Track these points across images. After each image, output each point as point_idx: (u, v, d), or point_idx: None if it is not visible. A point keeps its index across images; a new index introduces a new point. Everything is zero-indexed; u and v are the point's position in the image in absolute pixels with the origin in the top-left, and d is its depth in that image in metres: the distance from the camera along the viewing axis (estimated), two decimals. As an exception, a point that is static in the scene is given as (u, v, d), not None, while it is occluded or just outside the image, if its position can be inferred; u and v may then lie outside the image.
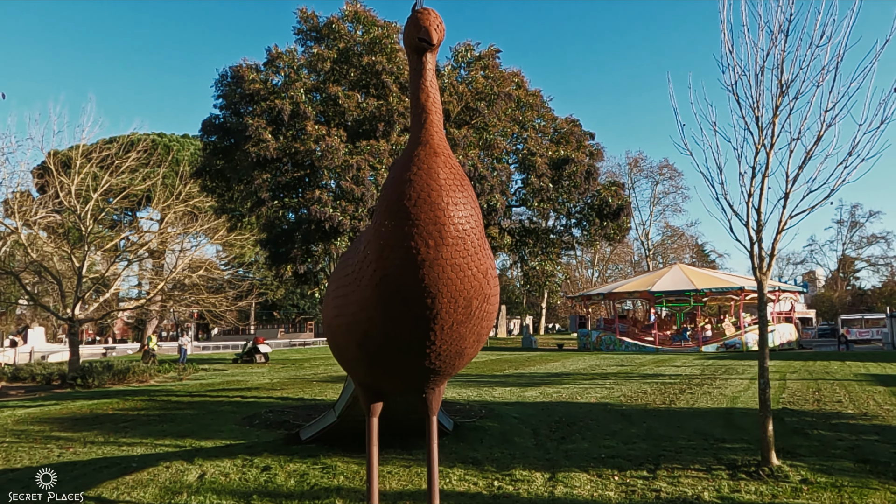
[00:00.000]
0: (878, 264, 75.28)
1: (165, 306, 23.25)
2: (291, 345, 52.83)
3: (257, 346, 29.35)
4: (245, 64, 12.26)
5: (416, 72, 4.20)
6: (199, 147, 37.88)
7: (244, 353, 29.64)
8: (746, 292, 37.45)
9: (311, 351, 43.46)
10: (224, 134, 13.08)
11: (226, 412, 12.06)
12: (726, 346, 35.78)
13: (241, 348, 34.06)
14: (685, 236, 73.88)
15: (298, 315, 70.27)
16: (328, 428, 8.30)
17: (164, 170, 23.25)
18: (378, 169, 10.91)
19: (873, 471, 6.87)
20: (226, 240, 23.76)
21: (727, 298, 39.17)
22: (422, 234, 3.77)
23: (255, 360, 28.75)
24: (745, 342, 35.59)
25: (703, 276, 40.75)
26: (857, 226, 75.09)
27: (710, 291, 37.22)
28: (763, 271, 7.14)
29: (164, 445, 8.86)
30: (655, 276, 42.10)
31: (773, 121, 7.31)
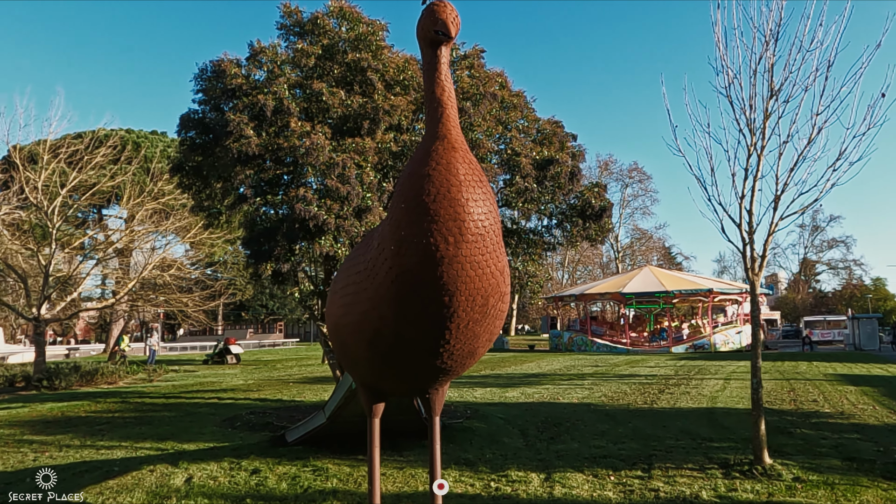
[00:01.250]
0: (837, 267, 77.40)
1: (135, 306, 22.63)
2: (261, 346, 52.13)
3: (228, 346, 28.86)
4: (226, 58, 12.01)
5: (430, 65, 4.11)
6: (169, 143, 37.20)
7: (215, 353, 29.12)
8: (715, 294, 38.18)
9: (282, 352, 42.94)
10: (203, 129, 12.77)
11: (204, 414, 11.79)
12: (695, 346, 36.34)
13: (210, 349, 33.44)
14: (653, 239, 74.96)
15: (267, 315, 69.36)
16: (317, 429, 8.14)
17: (134, 166, 22.69)
18: (363, 167, 10.77)
19: (860, 469, 6.99)
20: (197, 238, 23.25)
21: (696, 300, 39.81)
22: (441, 230, 3.68)
23: (227, 361, 28.26)
24: (714, 343, 36.23)
25: (672, 277, 41.39)
26: (818, 230, 77.10)
27: (680, 293, 37.79)
28: (755, 272, 7.21)
29: (145, 448, 8.61)
30: (626, 277, 42.61)
31: (764, 124, 7.40)
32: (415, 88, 11.90)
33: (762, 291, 43.57)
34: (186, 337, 63.66)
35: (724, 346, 36.38)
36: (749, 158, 7.27)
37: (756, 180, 7.36)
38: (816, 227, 76.57)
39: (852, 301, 62.36)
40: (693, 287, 38.28)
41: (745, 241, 7.26)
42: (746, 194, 7.27)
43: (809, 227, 77.34)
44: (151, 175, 22.42)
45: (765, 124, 7.40)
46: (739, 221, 7.25)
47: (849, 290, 67.78)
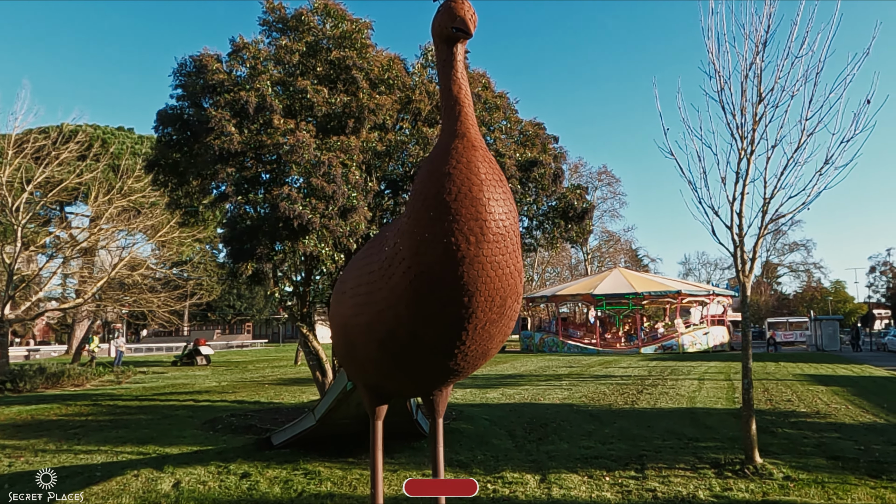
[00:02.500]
0: (798, 270, 79.37)
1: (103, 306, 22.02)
2: (229, 346, 51.31)
3: (198, 347, 28.35)
4: (207, 54, 11.75)
5: (446, 63, 4.07)
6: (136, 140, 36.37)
7: (184, 354, 28.58)
8: (683, 296, 38.82)
9: (252, 353, 42.36)
10: (182, 126, 12.49)
11: (182, 417, 11.53)
12: (664, 347, 36.88)
13: (179, 350, 32.81)
14: (621, 241, 75.86)
15: (235, 316, 68.36)
16: (305, 432, 8.01)
17: (103, 163, 22.08)
18: (348, 166, 10.64)
19: (846, 467, 7.14)
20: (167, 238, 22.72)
21: (665, 301, 40.42)
22: (462, 229, 3.63)
23: (197, 363, 27.76)
24: (682, 344, 36.82)
25: (642, 279, 41.96)
26: (780, 233, 78.96)
27: (650, 294, 38.34)
28: (746, 274, 7.32)
29: (126, 453, 8.36)
30: (597, 279, 43.08)
31: (754, 128, 7.51)
32: (399, 88, 11.82)
33: (729, 293, 44.53)
34: (151, 338, 62.32)
35: (691, 346, 37.01)
36: (740, 163, 7.38)
37: (745, 184, 7.47)
38: (779, 230, 78.41)
39: (813, 303, 64.09)
40: (662, 289, 38.88)
41: (735, 243, 7.36)
42: (737, 198, 7.37)
43: (772, 230, 79.09)
44: (121, 172, 21.85)
45: (754, 129, 7.52)
46: (731, 224, 7.35)
47: (809, 293, 69.62)
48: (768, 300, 71.99)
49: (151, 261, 24.50)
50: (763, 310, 67.29)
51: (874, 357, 31.46)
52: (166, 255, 23.28)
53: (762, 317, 62.46)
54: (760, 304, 69.78)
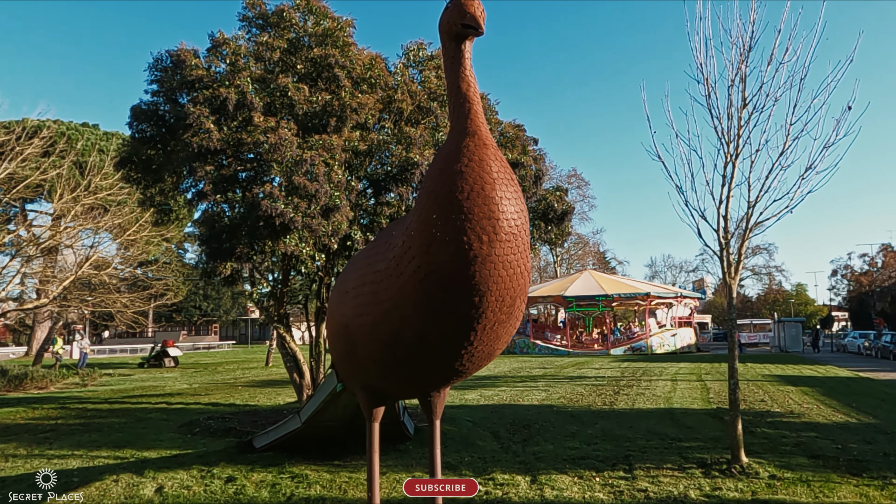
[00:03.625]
0: (760, 273, 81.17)
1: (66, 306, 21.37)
2: (196, 348, 50.37)
3: (166, 349, 27.74)
4: (184, 49, 11.50)
5: (454, 60, 4.01)
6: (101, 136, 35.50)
7: (151, 356, 27.95)
8: (652, 297, 39.37)
9: (220, 354, 41.67)
10: (157, 122, 12.21)
11: (156, 420, 11.25)
12: (633, 349, 37.33)
13: (145, 352, 32.09)
14: (590, 244, 76.66)
15: (201, 317, 67.20)
16: (290, 435, 7.86)
17: (69, 160, 21.44)
18: (331, 165, 10.51)
19: (827, 466, 7.29)
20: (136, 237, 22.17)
21: (634, 303, 40.93)
22: (475, 228, 3.58)
23: (164, 364, 27.16)
24: (650, 345, 37.34)
25: (612, 281, 42.45)
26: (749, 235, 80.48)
27: (619, 296, 38.79)
28: (732, 275, 7.42)
29: (102, 457, 8.11)
30: (567, 281, 43.43)
31: (739, 133, 7.62)
32: (381, 87, 11.71)
33: (696, 295, 45.33)
34: (114, 339, 60.82)
35: (659, 348, 37.56)
36: (726, 166, 7.48)
37: (730, 188, 7.58)
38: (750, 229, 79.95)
39: (775, 305, 65.58)
40: (632, 291, 39.38)
41: (721, 245, 7.45)
42: (724, 201, 7.47)
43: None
44: (88, 169, 21.27)
45: (738, 133, 7.63)
46: (717, 227, 7.44)
47: (772, 295, 71.21)
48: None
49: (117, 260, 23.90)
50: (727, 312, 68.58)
51: (835, 358, 32.34)
52: (135, 255, 22.71)
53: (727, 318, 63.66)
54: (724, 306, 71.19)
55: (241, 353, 42.10)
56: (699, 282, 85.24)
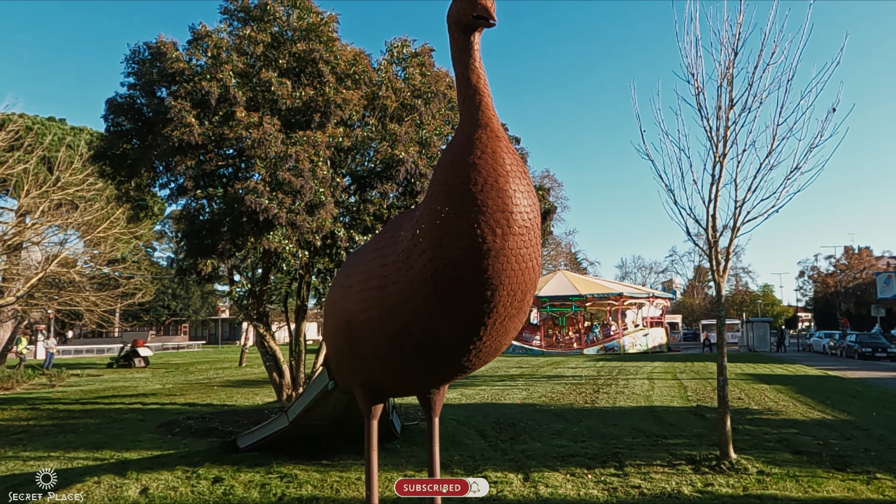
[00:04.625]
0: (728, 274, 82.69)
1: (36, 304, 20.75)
2: (165, 348, 49.49)
3: (136, 349, 27.15)
4: (164, 41, 11.24)
5: (463, 52, 3.95)
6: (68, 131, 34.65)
7: (121, 356, 27.33)
8: (625, 298, 39.80)
9: (191, 354, 41.01)
10: (134, 115, 11.93)
11: (133, 420, 10.97)
12: (606, 348, 37.69)
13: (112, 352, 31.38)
14: (562, 245, 77.25)
15: (169, 317, 65.97)
16: (276, 434, 7.72)
17: (37, 155, 20.82)
18: (315, 161, 10.36)
19: (811, 461, 7.40)
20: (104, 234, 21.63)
21: (607, 303, 41.32)
22: (489, 221, 3.53)
23: (134, 365, 26.58)
24: (623, 345, 37.73)
25: (585, 282, 42.80)
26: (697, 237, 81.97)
27: (592, 297, 39.11)
28: (720, 274, 7.49)
29: (80, 458, 7.86)
30: (541, 281, 43.64)
31: (726, 133, 7.70)
32: (366, 83, 11.59)
33: (667, 296, 45.95)
34: (80, 339, 59.39)
35: (632, 347, 37.97)
36: (715, 166, 7.55)
37: (718, 187, 7.65)
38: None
39: (742, 306, 66.82)
40: (605, 291, 39.76)
41: (710, 243, 7.52)
42: (712, 200, 7.54)
43: (704, 236, 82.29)
44: (56, 165, 20.69)
45: (726, 133, 7.71)
46: (706, 226, 7.51)
47: (739, 296, 72.56)
48: (702, 303, 74.71)
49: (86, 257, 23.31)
50: (697, 312, 69.78)
51: (802, 357, 33.06)
52: (106, 253, 22.17)
53: (696, 318, 64.73)
54: (694, 306, 72.38)
55: (212, 353, 41.48)
56: (668, 282, 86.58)
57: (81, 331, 62.36)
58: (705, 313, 67.73)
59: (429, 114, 12.12)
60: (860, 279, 54.57)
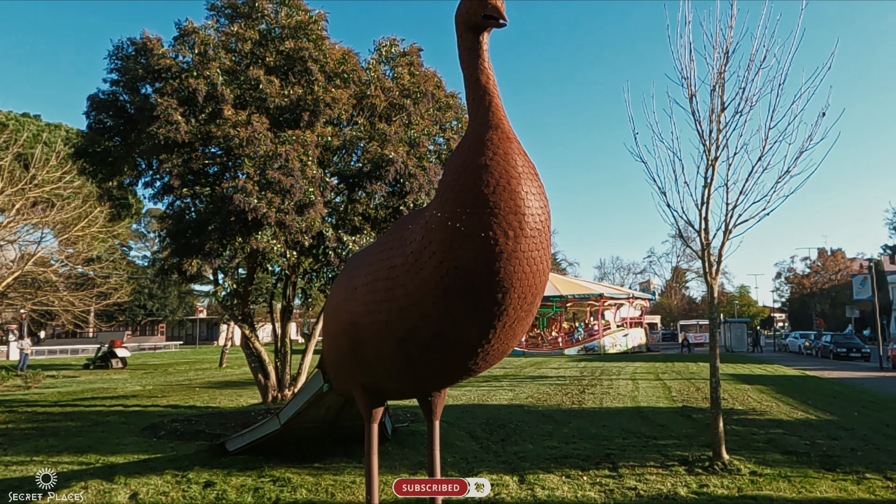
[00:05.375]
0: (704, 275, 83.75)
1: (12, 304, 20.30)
2: (141, 349, 48.77)
3: (113, 349, 26.68)
4: (149, 36, 11.04)
5: (472, 52, 3.91)
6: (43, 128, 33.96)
7: (97, 357, 26.84)
8: (605, 298, 40.08)
9: (169, 355, 40.44)
10: (117, 112, 11.71)
11: (115, 423, 10.76)
12: (586, 349, 37.92)
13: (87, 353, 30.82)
14: (542, 245, 77.33)
15: (145, 317, 64.99)
16: (267, 437, 7.61)
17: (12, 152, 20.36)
18: (304, 161, 10.25)
19: (801, 461, 7.48)
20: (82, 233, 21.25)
21: (588, 304, 41.59)
22: (501, 223, 3.49)
23: (111, 366, 26.12)
24: (603, 345, 38.00)
25: (566, 282, 43.01)
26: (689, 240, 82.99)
27: (573, 297, 39.33)
28: (713, 275, 7.54)
29: (65, 463, 7.68)
30: (522, 282, 43.75)
31: (718, 137, 7.76)
32: (355, 82, 11.51)
33: (646, 296, 46.36)
34: (53, 340, 58.28)
35: (612, 348, 38.27)
36: (708, 169, 7.60)
37: (710, 189, 7.70)
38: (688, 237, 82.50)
39: (719, 307, 67.70)
40: (586, 292, 39.98)
41: (703, 245, 7.57)
42: (705, 202, 7.59)
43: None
44: (33, 162, 20.27)
45: (717, 137, 7.77)
46: (699, 229, 7.56)
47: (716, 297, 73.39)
48: (679, 303, 75.52)
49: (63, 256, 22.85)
50: (675, 312, 70.49)
51: (778, 357, 33.59)
52: (83, 252, 21.77)
53: (674, 319, 65.36)
54: (672, 307, 73.13)
55: (190, 354, 40.96)
56: (646, 283, 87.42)
57: (55, 331, 61.30)
58: (683, 314, 68.52)
59: (417, 114, 12.06)
60: (835, 280, 55.56)
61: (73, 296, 20.94)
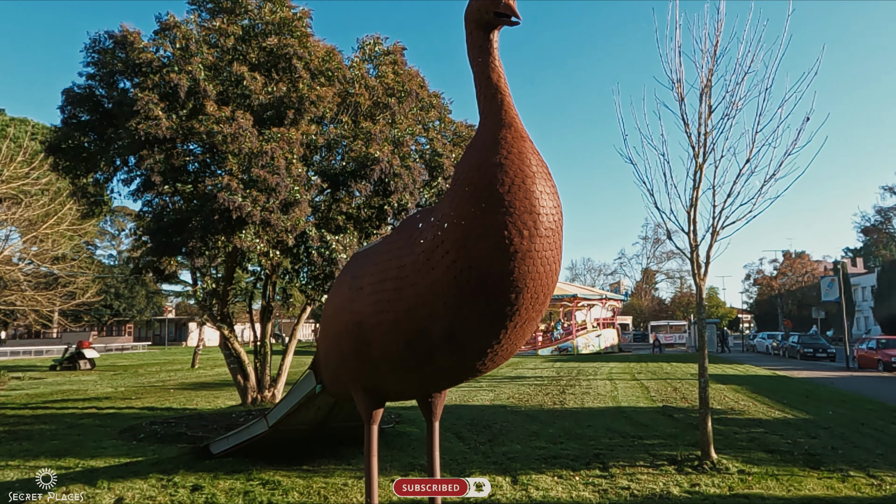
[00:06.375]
0: (673, 277, 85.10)
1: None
2: (108, 349, 47.70)
3: (82, 350, 26.04)
4: (128, 30, 10.78)
5: (482, 50, 3.87)
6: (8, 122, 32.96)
7: (65, 358, 26.16)
8: (579, 299, 40.40)
9: (138, 356, 39.60)
10: (94, 106, 11.42)
11: (90, 426, 10.48)
12: (559, 349, 38.16)
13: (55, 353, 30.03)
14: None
15: (111, 317, 63.60)
16: (254, 439, 7.47)
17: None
18: (289, 159, 10.10)
19: (785, 460, 7.61)
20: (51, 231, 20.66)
21: (562, 305, 41.86)
22: (516, 223, 3.47)
23: (79, 367, 25.49)
24: (576, 346, 38.29)
25: (540, 283, 43.20)
26: (658, 242, 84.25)
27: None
28: (701, 276, 7.62)
29: (43, 467, 7.40)
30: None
31: (705, 140, 7.85)
32: (339, 80, 11.39)
33: (619, 297, 46.82)
34: (14, 341, 56.70)
35: (585, 348, 38.59)
36: (696, 172, 7.68)
37: (698, 194, 7.79)
38: (658, 240, 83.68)
39: (689, 308, 68.70)
40: (560, 293, 40.17)
41: (692, 246, 7.65)
42: (693, 204, 7.67)
43: (651, 239, 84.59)
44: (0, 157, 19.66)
45: (705, 140, 7.86)
46: (688, 230, 7.63)
47: (684, 298, 74.60)
48: (650, 305, 76.53)
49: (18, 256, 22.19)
50: (645, 313, 71.40)
51: (747, 357, 34.21)
52: (51, 250, 21.17)
53: (644, 319, 66.17)
54: (643, 307, 74.05)
55: (159, 355, 40.18)
56: (616, 284, 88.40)
57: (17, 331, 59.65)
58: (654, 314, 69.41)
59: (402, 113, 11.99)
60: (802, 283, 56.86)
61: (42, 295, 20.36)
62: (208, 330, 46.31)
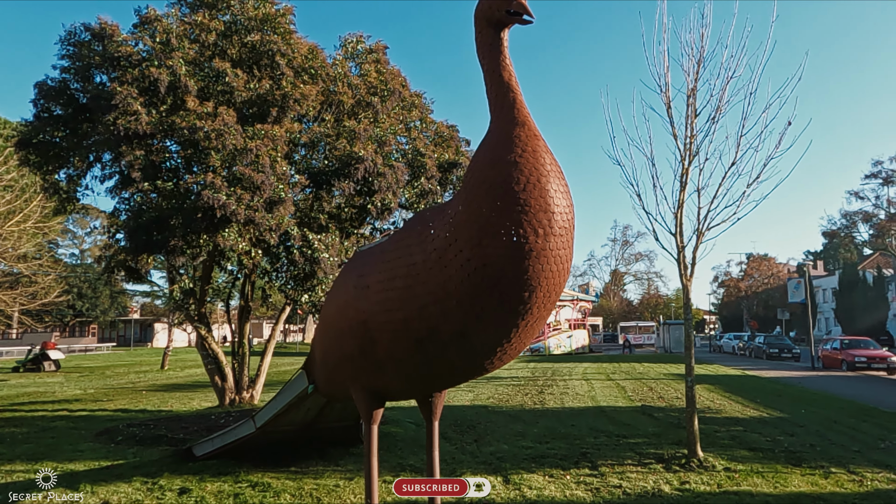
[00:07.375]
0: (642, 278, 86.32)
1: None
2: (72, 350, 46.50)
3: (46, 351, 25.30)
4: (106, 22, 10.53)
5: (493, 48, 3.87)
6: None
7: (28, 359, 25.37)
8: (552, 300, 40.66)
9: (103, 357, 38.66)
10: (67, 101, 11.11)
11: (64, 429, 10.19)
12: (531, 350, 38.36)
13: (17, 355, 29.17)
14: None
15: (74, 317, 62.03)
16: (240, 441, 7.35)
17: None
18: (273, 156, 9.96)
19: (767, 457, 7.76)
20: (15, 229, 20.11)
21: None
22: (531, 221, 3.47)
23: (44, 368, 24.76)
24: (548, 346, 38.56)
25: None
26: (627, 244, 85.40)
27: (520, 299, 39.71)
28: (687, 277, 7.73)
29: (19, 471, 7.21)
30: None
31: (691, 143, 7.97)
32: (322, 78, 11.28)
33: (590, 298, 47.30)
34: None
35: (556, 349, 38.90)
36: (683, 175, 7.79)
37: (684, 196, 7.90)
38: (626, 241, 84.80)
39: (656, 309, 69.87)
40: (532, 294, 40.46)
41: (679, 248, 7.76)
42: (680, 206, 7.78)
43: (620, 241, 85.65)
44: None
45: (691, 143, 7.98)
46: (675, 232, 7.74)
47: (652, 300, 75.78)
48: (618, 306, 77.50)
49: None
50: (615, 314, 72.28)
51: (714, 357, 34.89)
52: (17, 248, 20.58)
53: (614, 321, 66.96)
54: (613, 308, 74.94)
55: (125, 356, 39.30)
56: (585, 285, 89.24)
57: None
58: (623, 316, 70.32)
59: (385, 111, 11.93)
60: (768, 284, 58.16)
61: (6, 294, 19.76)
62: (176, 331, 45.49)
